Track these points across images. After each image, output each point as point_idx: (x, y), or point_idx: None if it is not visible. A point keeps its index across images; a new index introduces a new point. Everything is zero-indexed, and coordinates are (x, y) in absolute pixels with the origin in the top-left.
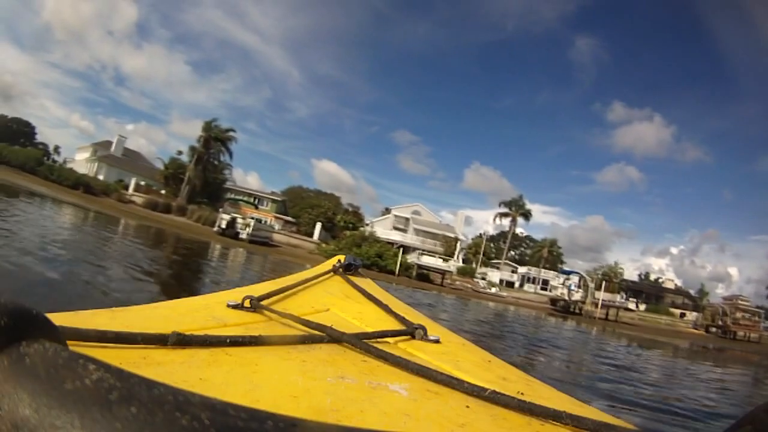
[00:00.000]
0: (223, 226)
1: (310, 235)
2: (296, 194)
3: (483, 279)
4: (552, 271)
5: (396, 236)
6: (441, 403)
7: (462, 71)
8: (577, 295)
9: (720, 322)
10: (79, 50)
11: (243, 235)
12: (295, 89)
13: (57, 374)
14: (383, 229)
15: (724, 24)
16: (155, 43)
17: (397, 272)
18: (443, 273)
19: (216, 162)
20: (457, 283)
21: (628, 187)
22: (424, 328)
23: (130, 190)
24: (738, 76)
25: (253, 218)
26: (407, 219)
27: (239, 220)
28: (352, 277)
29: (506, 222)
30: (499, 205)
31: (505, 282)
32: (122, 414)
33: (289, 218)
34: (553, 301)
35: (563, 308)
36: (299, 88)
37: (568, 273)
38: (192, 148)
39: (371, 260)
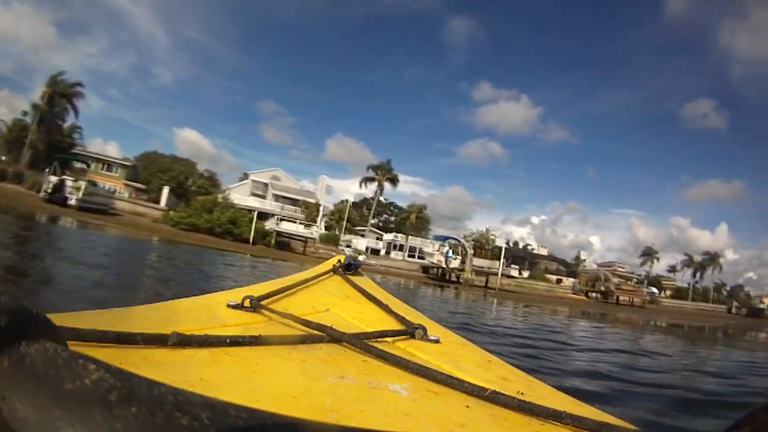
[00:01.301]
0: (49, 190)
1: (159, 201)
2: (151, 160)
3: (348, 246)
4: (419, 238)
5: (254, 202)
6: (441, 403)
7: (332, 43)
8: (455, 263)
9: (602, 288)
10: None
11: (72, 201)
12: (160, 54)
13: (57, 374)
14: (241, 195)
15: (600, 13)
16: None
17: (252, 240)
18: (305, 240)
19: (61, 122)
20: (321, 251)
21: (490, 160)
22: (424, 328)
23: None
24: (610, 65)
25: (88, 182)
26: (266, 184)
27: (68, 183)
28: (351, 277)
29: (371, 189)
30: (367, 170)
31: (370, 249)
32: (122, 414)
33: (139, 185)
34: (425, 268)
35: (439, 276)
36: (165, 53)
37: (444, 239)
38: (35, 106)
39: (223, 227)
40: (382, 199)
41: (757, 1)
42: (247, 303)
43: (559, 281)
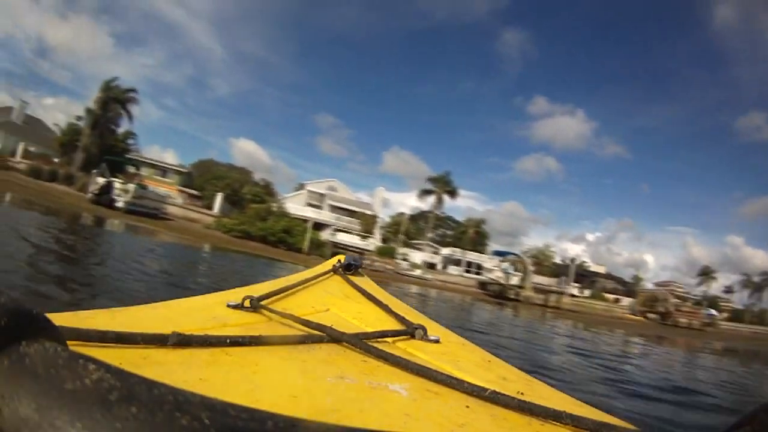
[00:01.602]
0: (96, 192)
1: (212, 208)
2: (206, 167)
3: (405, 260)
4: (475, 253)
5: (310, 213)
6: (441, 403)
7: (388, 56)
8: (514, 279)
9: (662, 309)
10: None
11: (120, 204)
12: (217, 66)
13: (57, 374)
14: (296, 205)
15: (651, 25)
16: (81, 12)
17: (305, 250)
18: (361, 252)
19: (114, 127)
20: (377, 263)
21: (545, 175)
22: (424, 328)
23: (18, 157)
24: (662, 78)
25: (138, 185)
26: (322, 195)
27: (117, 185)
28: (351, 277)
29: (429, 201)
30: (425, 182)
31: (427, 263)
32: (122, 414)
33: (193, 192)
34: (483, 284)
35: (497, 293)
36: (222, 66)
37: (504, 254)
38: (88, 111)
39: (277, 236)
40: (439, 212)
41: None
42: (247, 303)
43: (616, 300)
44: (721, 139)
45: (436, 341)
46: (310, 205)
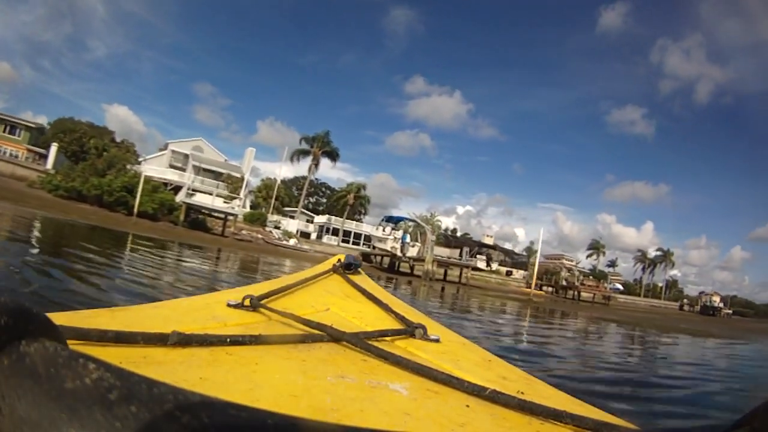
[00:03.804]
0: None
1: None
2: (65, 126)
3: (277, 228)
4: (354, 222)
5: (172, 175)
6: (441, 402)
7: (271, 23)
8: (412, 251)
9: (565, 282)
10: None
11: None
12: (97, 26)
13: (57, 373)
14: (158, 167)
15: (541, 16)
16: None
17: (135, 211)
18: (225, 217)
19: None
20: (244, 231)
21: (419, 151)
22: (424, 328)
23: None
24: (543, 66)
25: None
26: (186, 156)
27: None
28: (351, 276)
29: (303, 167)
30: (300, 142)
31: (299, 233)
32: (122, 413)
33: (41, 150)
34: (366, 256)
35: (387, 266)
36: (102, 25)
37: (396, 220)
38: None
39: (116, 196)
40: (313, 178)
41: (687, 25)
42: (247, 302)
43: (509, 273)
44: (598, 127)
45: (437, 340)
46: (173, 167)
